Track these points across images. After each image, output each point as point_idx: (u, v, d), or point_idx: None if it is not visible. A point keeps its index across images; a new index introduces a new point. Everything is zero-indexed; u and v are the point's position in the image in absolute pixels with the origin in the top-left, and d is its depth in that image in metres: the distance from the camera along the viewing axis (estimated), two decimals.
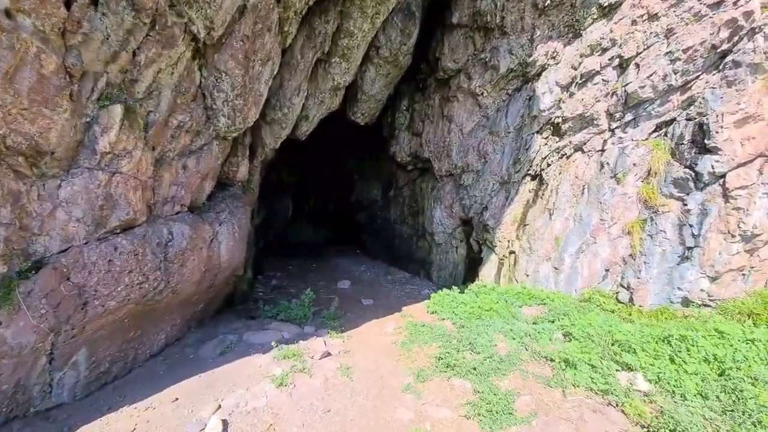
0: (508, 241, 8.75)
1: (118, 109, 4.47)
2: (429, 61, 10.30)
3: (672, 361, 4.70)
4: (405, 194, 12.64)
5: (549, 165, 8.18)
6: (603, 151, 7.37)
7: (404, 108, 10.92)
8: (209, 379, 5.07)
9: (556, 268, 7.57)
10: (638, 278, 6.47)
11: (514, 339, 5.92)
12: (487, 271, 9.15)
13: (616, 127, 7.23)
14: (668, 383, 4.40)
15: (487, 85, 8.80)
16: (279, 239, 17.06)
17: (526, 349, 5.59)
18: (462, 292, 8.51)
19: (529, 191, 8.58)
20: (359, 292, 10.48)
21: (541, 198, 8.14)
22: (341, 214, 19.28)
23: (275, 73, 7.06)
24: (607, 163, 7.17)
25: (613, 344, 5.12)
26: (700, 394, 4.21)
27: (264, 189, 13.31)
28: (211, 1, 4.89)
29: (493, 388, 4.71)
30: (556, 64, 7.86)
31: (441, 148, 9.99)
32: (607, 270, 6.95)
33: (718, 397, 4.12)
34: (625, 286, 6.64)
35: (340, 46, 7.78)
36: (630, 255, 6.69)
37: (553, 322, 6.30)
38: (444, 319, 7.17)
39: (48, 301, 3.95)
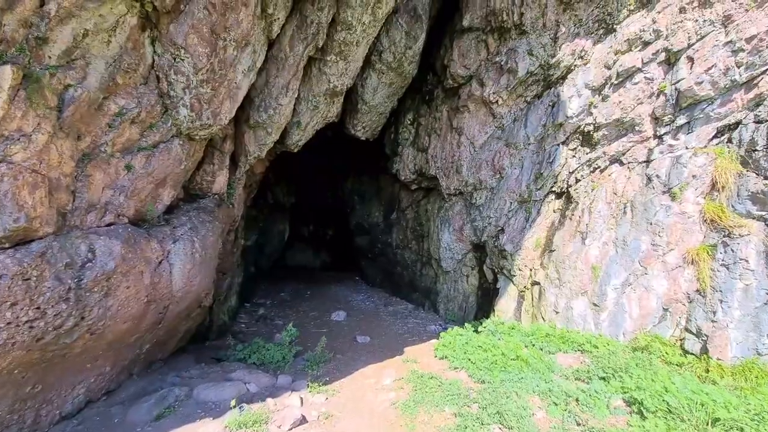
0: (531, 269, 7.08)
1: (7, 72, 3.04)
2: (436, 71, 9.07)
3: None
4: (408, 216, 11.10)
5: (578, 180, 6.65)
6: (649, 162, 5.85)
7: (409, 122, 9.61)
8: None
9: (595, 305, 5.86)
10: (713, 321, 4.75)
11: (556, 405, 4.15)
12: (504, 305, 7.42)
13: (665, 133, 5.75)
14: None
15: (503, 92, 7.45)
16: (275, 264, 15.42)
17: (578, 424, 3.82)
18: (476, 330, 6.75)
19: (554, 211, 7.00)
20: (354, 326, 8.71)
21: (570, 219, 6.55)
22: (341, 239, 17.72)
23: (258, 65, 5.74)
24: (657, 176, 5.63)
25: (713, 425, 3.35)
26: None
27: (258, 210, 11.85)
28: None
29: None
30: (585, 64, 6.51)
31: (449, 164, 8.54)
32: (665, 309, 5.24)
33: None
34: (694, 332, 4.90)
35: (336, 41, 6.51)
36: (697, 290, 5.00)
37: (605, 380, 4.53)
38: (457, 368, 5.40)
39: None
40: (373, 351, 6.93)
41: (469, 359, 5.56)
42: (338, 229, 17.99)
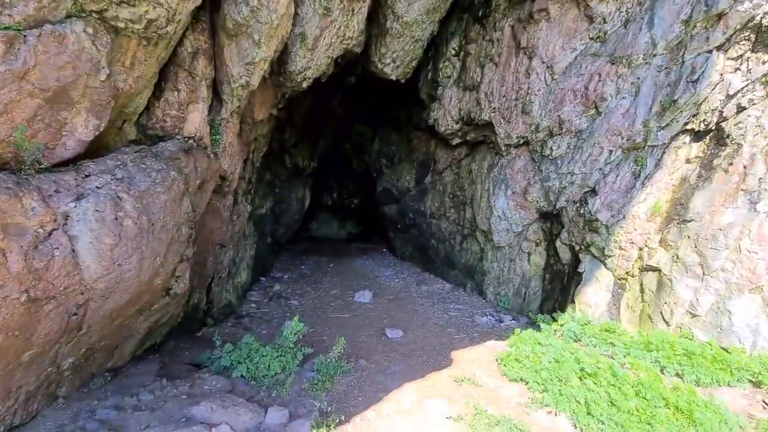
0: (641, 248, 4.52)
1: None
2: None
3: None
4: (446, 180, 8.58)
5: (742, 109, 3.87)
6: None
7: (453, 52, 6.85)
8: None
9: None
10: None
11: None
12: (591, 296, 4.95)
13: None
14: None
15: None
16: (296, 234, 13.51)
17: None
18: (557, 332, 4.39)
19: (688, 161, 4.29)
20: (382, 312, 6.57)
21: (726, 171, 3.86)
22: (368, 208, 15.51)
23: None
24: None
25: None
26: None
27: (273, 174, 9.70)
28: None
29: None
30: None
31: (512, 103, 5.86)
32: None
33: None
34: None
35: None
36: None
37: None
38: (550, 409, 3.10)
39: None
40: (408, 354, 4.76)
41: (560, 383, 3.23)
42: (365, 198, 15.75)
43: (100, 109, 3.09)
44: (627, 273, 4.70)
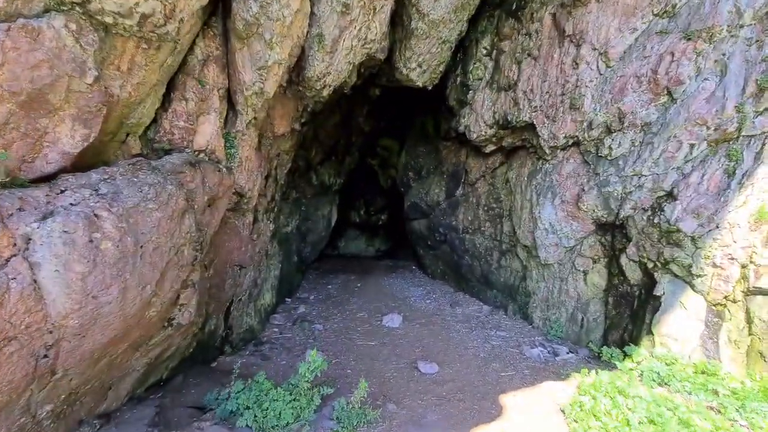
0: (744, 265, 3.44)
1: None
2: None
3: None
4: (480, 191, 7.74)
5: None
6: None
7: (484, 52, 6.17)
8: None
9: None
10: None
11: None
12: (676, 326, 3.87)
13: None
14: None
15: None
16: (323, 252, 13.06)
17: None
18: (633, 371, 3.36)
19: None
20: (414, 339, 5.73)
21: None
22: (397, 224, 14.86)
23: None
24: None
25: None
26: None
27: (300, 192, 9.34)
28: None
29: None
30: None
31: (556, 99, 5.03)
32: None
33: None
34: None
35: None
36: None
37: None
38: None
39: None
40: (446, 397, 3.89)
41: None
42: (393, 213, 15.13)
43: (89, 117, 2.68)
44: (726, 297, 3.60)
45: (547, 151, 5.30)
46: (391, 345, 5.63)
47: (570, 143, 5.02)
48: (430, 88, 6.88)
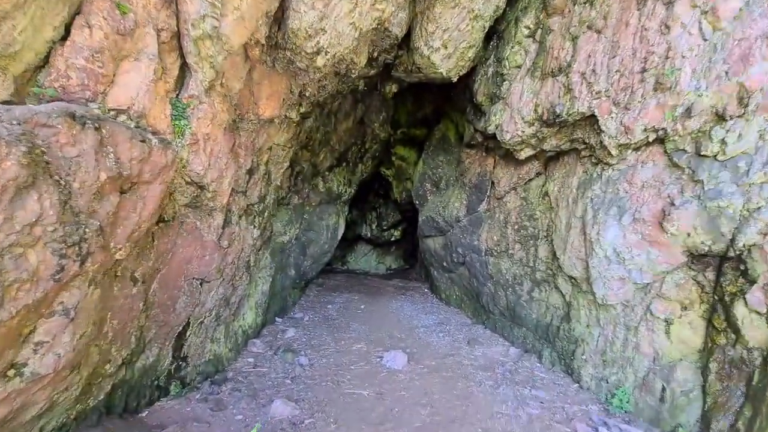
0: None
1: None
2: None
3: None
4: (509, 206, 6.22)
5: None
6: None
7: (526, 32, 4.82)
8: None
9: None
10: None
11: None
12: None
13: None
14: None
15: None
16: (327, 267, 11.69)
17: None
18: None
19: None
20: (420, 392, 4.12)
21: None
22: (410, 240, 13.38)
23: None
24: None
25: None
26: None
27: (303, 198, 8.12)
28: None
29: None
30: None
31: (633, 77, 3.55)
32: None
33: None
34: None
35: None
36: None
37: None
38: None
39: None
40: None
41: None
42: (407, 230, 13.69)
43: None
44: None
45: (614, 152, 3.78)
46: (390, 397, 4.08)
47: (650, 139, 3.49)
48: (455, 79, 5.58)
